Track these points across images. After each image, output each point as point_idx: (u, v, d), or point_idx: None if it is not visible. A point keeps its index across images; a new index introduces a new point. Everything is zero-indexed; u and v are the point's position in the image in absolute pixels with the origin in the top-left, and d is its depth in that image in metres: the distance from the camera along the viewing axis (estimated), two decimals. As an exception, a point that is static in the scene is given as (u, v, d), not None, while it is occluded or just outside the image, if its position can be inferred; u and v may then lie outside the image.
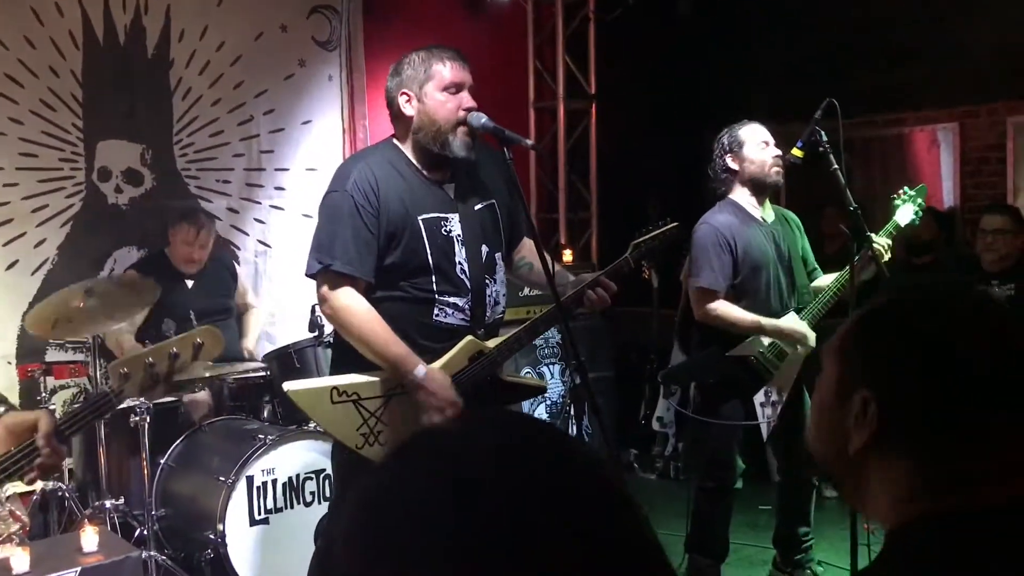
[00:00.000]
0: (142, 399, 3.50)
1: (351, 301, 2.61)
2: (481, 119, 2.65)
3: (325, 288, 2.63)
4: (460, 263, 2.69)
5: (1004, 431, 1.05)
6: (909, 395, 1.07)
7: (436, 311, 2.68)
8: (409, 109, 2.70)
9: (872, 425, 1.08)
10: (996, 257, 4.57)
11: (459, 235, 2.70)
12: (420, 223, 2.65)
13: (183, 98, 5.00)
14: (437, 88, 2.67)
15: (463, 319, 2.71)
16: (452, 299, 2.69)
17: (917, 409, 1.07)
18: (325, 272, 2.62)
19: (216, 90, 5.10)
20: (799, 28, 6.69)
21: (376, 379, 2.63)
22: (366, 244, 2.61)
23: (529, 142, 2.77)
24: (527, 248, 3.01)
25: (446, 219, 2.69)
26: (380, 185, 2.63)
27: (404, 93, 2.70)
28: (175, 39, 4.94)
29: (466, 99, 2.68)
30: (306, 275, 2.70)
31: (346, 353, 2.73)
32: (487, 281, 2.76)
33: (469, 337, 2.68)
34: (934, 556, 1.01)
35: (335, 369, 2.81)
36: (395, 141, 2.78)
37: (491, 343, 2.73)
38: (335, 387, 2.60)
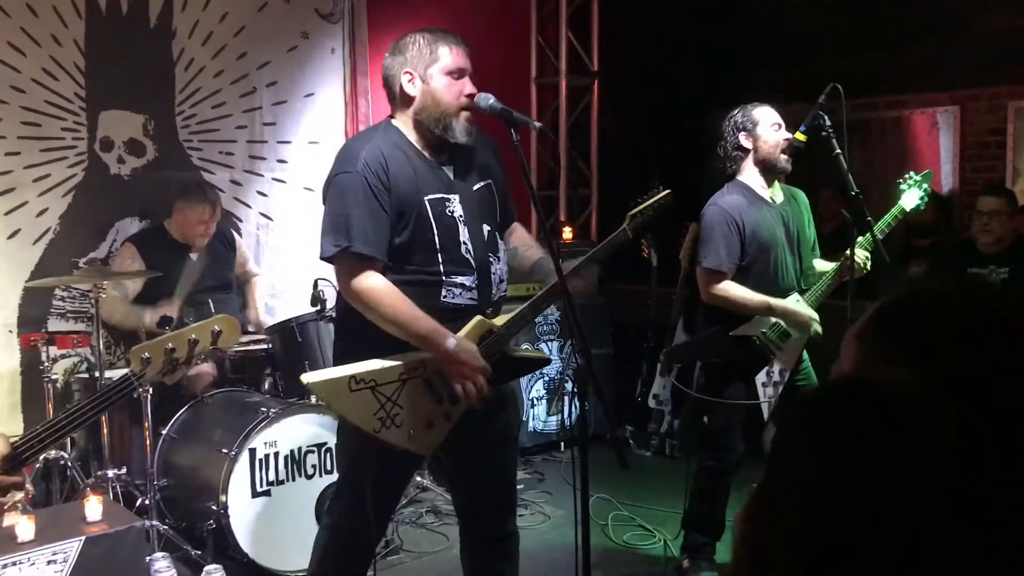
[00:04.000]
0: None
1: (375, 282, 2.60)
2: (489, 100, 2.63)
3: (346, 271, 2.62)
4: (464, 243, 2.70)
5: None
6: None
7: (444, 292, 2.68)
8: (412, 89, 2.69)
9: None
10: (992, 240, 4.58)
11: (461, 215, 2.70)
12: (427, 203, 2.65)
13: (185, 69, 4.98)
14: (442, 71, 2.67)
15: (471, 299, 2.71)
16: (459, 279, 2.69)
17: None
18: (344, 254, 2.59)
19: (219, 61, 5.08)
20: (802, 7, 6.68)
21: (391, 364, 2.63)
22: (382, 225, 2.60)
23: (537, 124, 2.75)
24: (517, 236, 3.02)
25: (448, 200, 2.70)
26: (390, 166, 2.62)
27: (408, 72, 2.69)
28: (178, 9, 4.92)
29: (468, 86, 2.69)
30: (321, 258, 2.67)
31: (352, 336, 2.73)
32: (491, 259, 2.77)
33: (478, 316, 2.70)
34: None
35: (341, 354, 2.76)
36: (394, 122, 2.76)
37: (498, 321, 2.75)
38: (353, 376, 2.58)
